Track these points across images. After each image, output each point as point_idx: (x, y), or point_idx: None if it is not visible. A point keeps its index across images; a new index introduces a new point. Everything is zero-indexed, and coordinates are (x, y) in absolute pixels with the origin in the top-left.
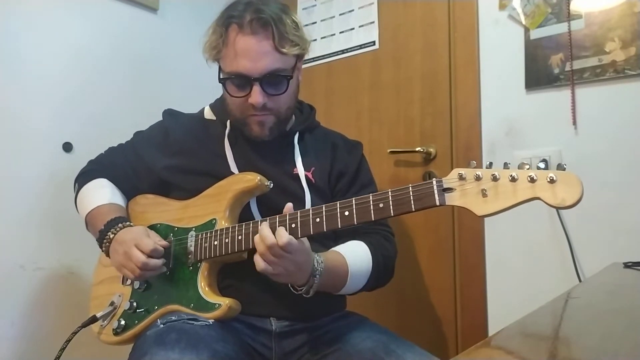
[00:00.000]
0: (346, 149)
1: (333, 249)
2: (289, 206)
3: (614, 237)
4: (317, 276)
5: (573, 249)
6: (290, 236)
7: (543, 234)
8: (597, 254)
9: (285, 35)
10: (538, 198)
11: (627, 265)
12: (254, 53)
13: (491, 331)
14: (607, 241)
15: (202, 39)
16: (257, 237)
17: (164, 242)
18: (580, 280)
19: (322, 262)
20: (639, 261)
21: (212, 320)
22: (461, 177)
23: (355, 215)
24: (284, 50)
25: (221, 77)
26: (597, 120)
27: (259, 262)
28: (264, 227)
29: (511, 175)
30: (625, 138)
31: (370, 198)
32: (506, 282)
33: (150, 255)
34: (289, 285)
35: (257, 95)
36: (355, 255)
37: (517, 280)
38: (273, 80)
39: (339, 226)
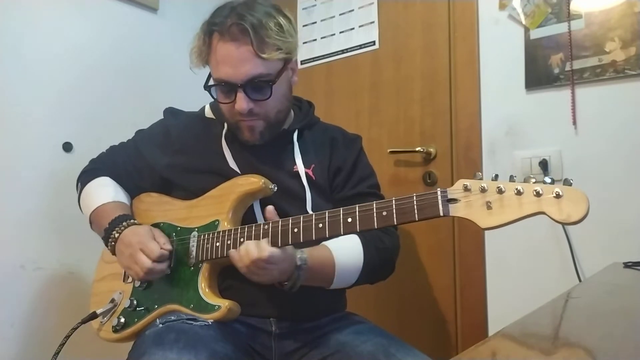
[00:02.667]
0: (344, 144)
1: (323, 243)
2: (269, 209)
3: (614, 237)
4: (300, 273)
5: (573, 249)
6: (272, 249)
7: (543, 234)
8: (597, 254)
9: (265, 40)
10: (543, 213)
11: (627, 265)
12: (234, 60)
13: (491, 331)
14: (607, 241)
15: (190, 46)
16: (242, 251)
17: (168, 246)
18: (580, 280)
19: (305, 259)
20: (639, 261)
21: (212, 321)
22: (466, 188)
23: (358, 223)
24: (264, 55)
25: (209, 84)
26: (597, 120)
27: (242, 268)
28: (249, 243)
29: (517, 189)
30: (625, 138)
31: (374, 206)
32: (506, 282)
33: (155, 260)
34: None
35: (241, 102)
36: (344, 249)
37: (517, 281)
38: (256, 86)
39: (342, 233)
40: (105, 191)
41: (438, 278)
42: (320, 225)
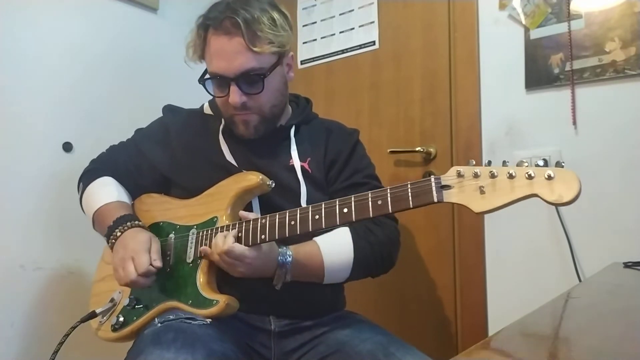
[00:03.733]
0: (340, 136)
1: (314, 238)
2: (242, 214)
3: (614, 237)
4: (285, 270)
5: (573, 249)
6: (234, 245)
7: (543, 234)
8: (597, 254)
9: (257, 34)
10: (536, 195)
11: (627, 265)
12: (227, 53)
13: (491, 331)
14: (607, 241)
15: (185, 40)
16: (212, 244)
17: (158, 264)
18: (580, 280)
19: (290, 255)
20: (639, 261)
21: (210, 320)
22: (459, 175)
23: (353, 212)
24: (256, 49)
25: (204, 77)
26: (597, 120)
27: (217, 263)
28: (219, 236)
29: (509, 173)
30: (625, 138)
31: (369, 195)
32: (506, 282)
33: (141, 275)
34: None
35: (234, 95)
36: (333, 244)
37: (517, 280)
38: (249, 80)
39: (337, 223)
40: (108, 191)
41: (438, 278)
42: (317, 216)
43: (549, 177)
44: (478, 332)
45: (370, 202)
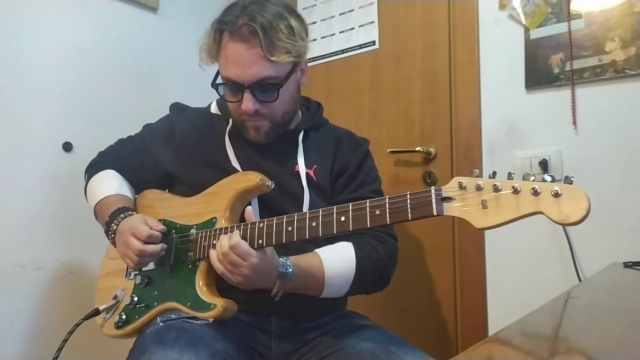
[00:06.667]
0: (350, 146)
1: (316, 250)
2: (248, 209)
3: (614, 237)
4: (285, 280)
5: (573, 249)
6: (241, 241)
7: (543, 234)
8: (597, 254)
9: (275, 42)
10: (541, 212)
11: (627, 265)
12: (243, 60)
13: (491, 331)
14: (607, 241)
15: (199, 42)
16: (217, 246)
17: (161, 227)
18: (580, 280)
19: (291, 266)
20: (639, 261)
21: (212, 319)
22: (461, 186)
23: (351, 221)
24: (273, 58)
25: (217, 81)
26: (597, 120)
27: (218, 268)
28: (223, 237)
29: (514, 187)
30: (625, 138)
31: (367, 204)
32: (506, 282)
33: (146, 241)
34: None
35: (247, 103)
36: (336, 259)
37: (517, 281)
38: (263, 88)
39: (335, 232)
40: (109, 184)
41: (438, 278)
42: (314, 224)
43: (556, 194)
44: (478, 332)
45: (368, 212)
